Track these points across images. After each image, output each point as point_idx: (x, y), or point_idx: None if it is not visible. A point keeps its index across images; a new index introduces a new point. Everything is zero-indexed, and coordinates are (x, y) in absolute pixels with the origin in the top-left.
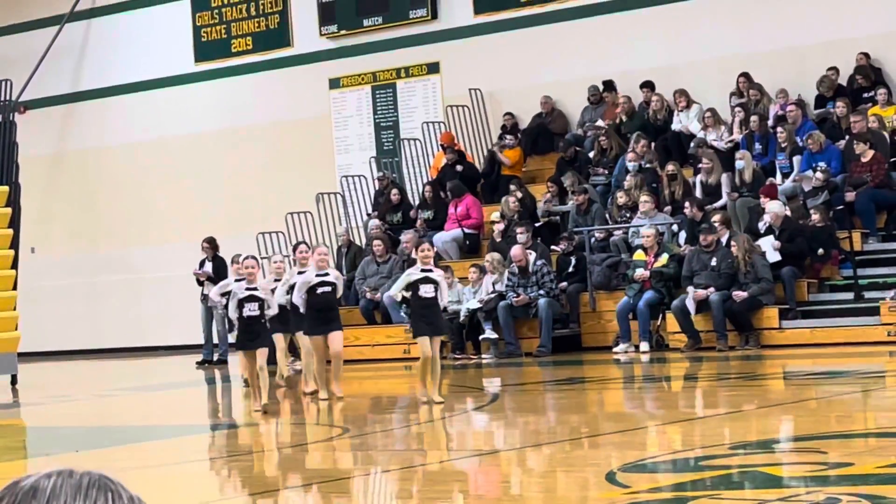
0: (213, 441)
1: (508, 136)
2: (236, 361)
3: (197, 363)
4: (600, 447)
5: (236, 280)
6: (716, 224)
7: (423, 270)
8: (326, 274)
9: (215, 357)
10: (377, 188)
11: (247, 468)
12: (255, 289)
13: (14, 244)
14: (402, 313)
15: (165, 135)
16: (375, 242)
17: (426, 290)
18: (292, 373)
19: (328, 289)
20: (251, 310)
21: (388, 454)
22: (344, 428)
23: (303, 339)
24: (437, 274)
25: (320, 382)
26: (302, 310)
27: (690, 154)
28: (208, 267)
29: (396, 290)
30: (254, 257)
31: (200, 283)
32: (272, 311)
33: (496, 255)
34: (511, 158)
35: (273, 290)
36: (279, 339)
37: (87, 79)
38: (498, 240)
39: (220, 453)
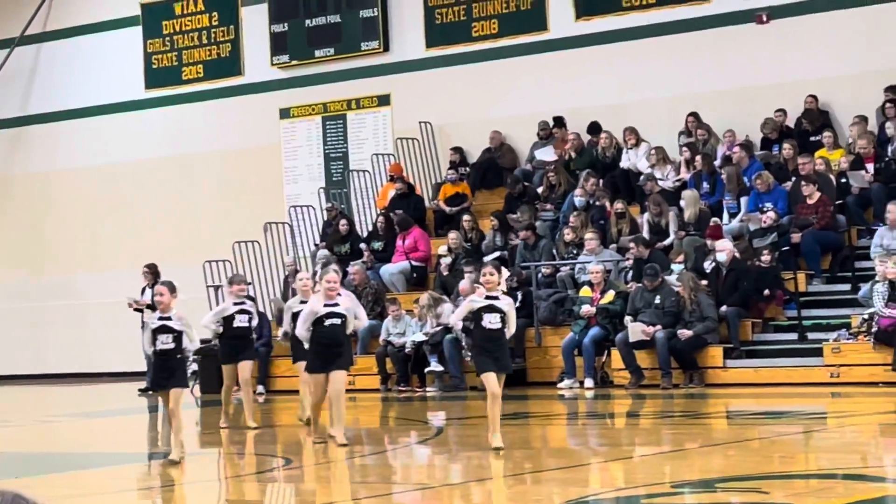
0: (150, 471)
1: (451, 172)
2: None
3: (140, 390)
4: (543, 483)
5: (235, 304)
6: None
7: (487, 297)
8: (336, 304)
9: None
10: (325, 219)
11: (181, 499)
12: (169, 318)
13: None
14: (464, 345)
15: (114, 161)
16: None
17: (491, 321)
18: (235, 402)
19: (337, 321)
20: (164, 342)
21: (327, 486)
22: (286, 459)
23: (302, 369)
24: (504, 302)
25: (314, 424)
26: (305, 345)
27: (639, 192)
28: (148, 294)
29: (457, 319)
30: (167, 283)
31: (139, 311)
32: (193, 344)
33: (425, 301)
34: (449, 192)
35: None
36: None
37: (36, 102)
38: (445, 273)
39: (157, 483)
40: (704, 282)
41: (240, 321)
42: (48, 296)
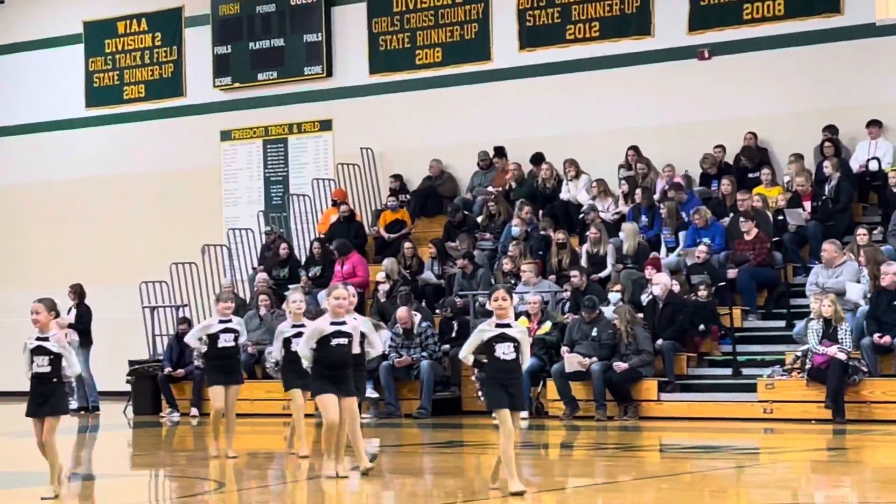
0: (83, 491)
1: (391, 199)
2: (108, 410)
3: (72, 410)
4: None
5: (220, 321)
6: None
7: (498, 325)
8: (343, 323)
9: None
10: (264, 242)
11: None
12: (46, 339)
13: None
14: (474, 378)
15: (52, 178)
16: (262, 297)
17: (504, 351)
18: (170, 423)
19: (343, 341)
20: (40, 365)
21: None
22: (219, 483)
23: (295, 396)
24: (517, 330)
25: (335, 452)
26: (305, 364)
27: (579, 223)
28: (73, 314)
29: (467, 352)
30: (45, 301)
31: (79, 330)
32: (72, 369)
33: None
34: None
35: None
36: (297, 396)
37: None
38: (382, 300)
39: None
40: (640, 315)
41: (224, 340)
42: None
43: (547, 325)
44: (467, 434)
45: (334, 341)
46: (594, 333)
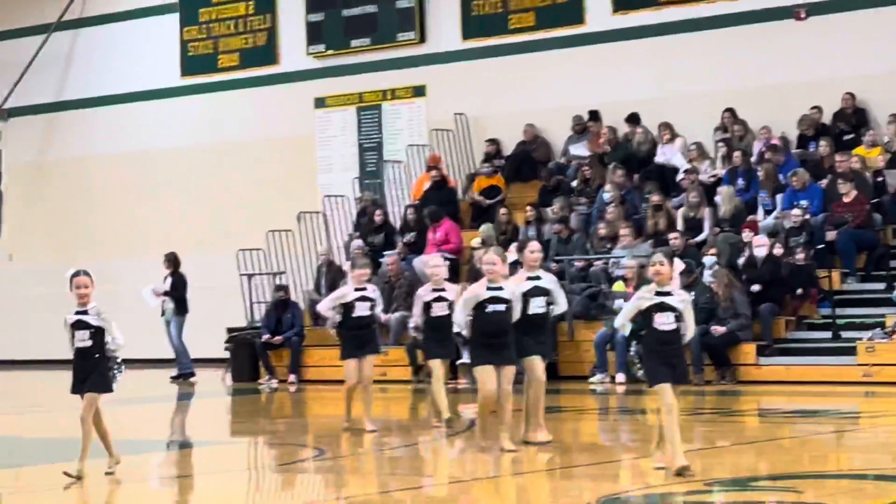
0: (182, 458)
1: (486, 165)
2: (207, 378)
3: (171, 378)
4: (574, 479)
5: (356, 289)
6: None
7: (658, 293)
8: (500, 288)
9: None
10: (359, 209)
11: (213, 488)
12: (85, 311)
13: None
14: (632, 352)
15: (149, 147)
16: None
17: (664, 321)
18: (268, 391)
19: (500, 307)
20: (81, 339)
21: (360, 478)
22: (319, 450)
23: (434, 367)
24: (678, 299)
25: (481, 426)
26: (465, 332)
27: (673, 186)
28: (168, 283)
29: (622, 322)
30: (87, 273)
31: (164, 299)
32: (116, 342)
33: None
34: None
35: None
36: (437, 366)
37: (72, 88)
38: (478, 266)
39: (188, 471)
40: (738, 278)
41: (361, 310)
42: None
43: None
44: (564, 399)
45: (490, 307)
46: (691, 297)
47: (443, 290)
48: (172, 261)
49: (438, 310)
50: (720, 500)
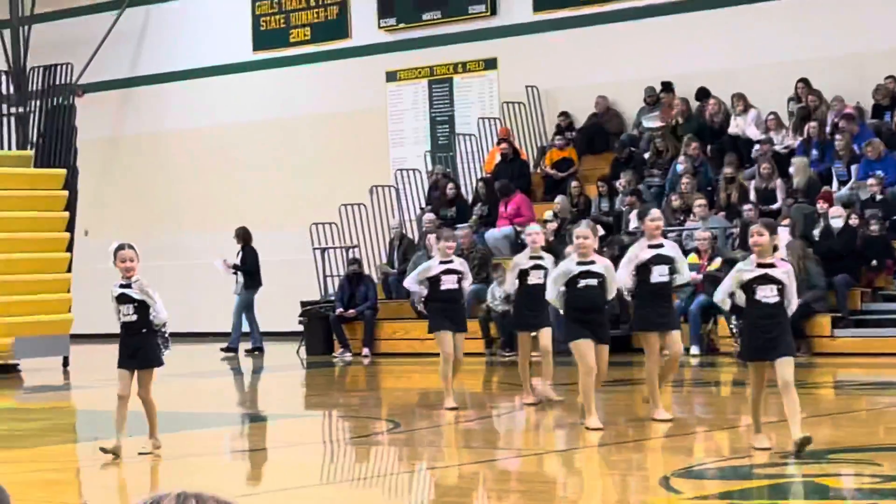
0: (256, 431)
1: (558, 137)
2: (282, 351)
3: (221, 349)
4: (648, 451)
5: (441, 262)
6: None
7: (759, 266)
8: (592, 262)
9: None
10: (431, 182)
11: (287, 461)
12: (129, 285)
13: (70, 227)
14: (732, 326)
15: (221, 122)
16: (429, 237)
17: (766, 294)
18: (342, 364)
19: (593, 282)
20: (126, 314)
21: (434, 450)
22: (393, 422)
23: (523, 341)
24: (781, 270)
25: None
26: (557, 305)
27: (747, 158)
28: (239, 258)
29: (722, 296)
30: (131, 246)
31: (235, 272)
32: (160, 316)
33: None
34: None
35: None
36: (525, 341)
37: (145, 64)
38: (550, 238)
39: (262, 444)
40: (812, 250)
41: (447, 283)
42: (156, 256)
43: (717, 262)
44: (637, 372)
45: (582, 282)
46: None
47: (540, 258)
48: (242, 235)
49: (535, 278)
50: (796, 473)
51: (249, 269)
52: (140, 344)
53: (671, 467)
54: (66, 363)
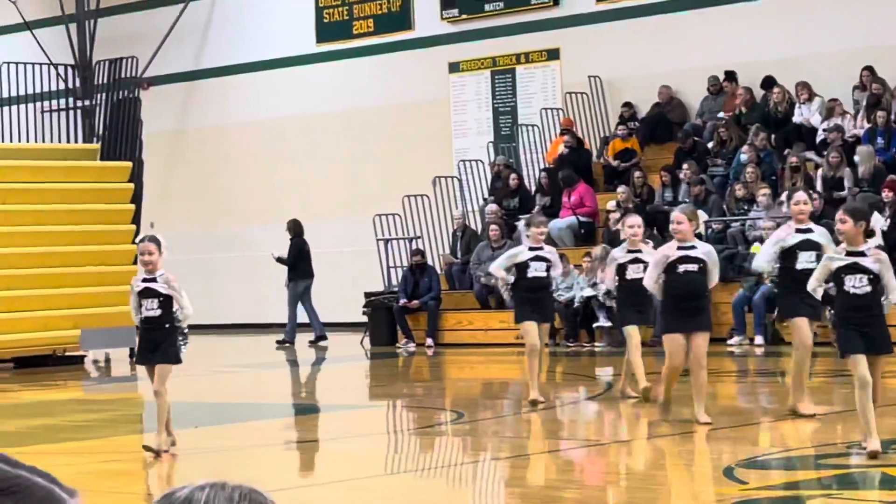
0: (319, 422)
1: (621, 128)
2: (346, 341)
3: (277, 342)
4: (713, 441)
5: (531, 248)
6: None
7: (850, 254)
8: (693, 247)
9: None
10: (494, 173)
11: (351, 451)
12: (154, 279)
13: (136, 219)
14: (828, 319)
15: (285, 114)
16: (492, 227)
17: (855, 284)
18: (406, 354)
19: (693, 268)
20: (149, 308)
21: (498, 441)
22: (457, 413)
23: (631, 334)
24: (873, 259)
25: (665, 395)
26: (657, 296)
27: (811, 146)
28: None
29: (814, 285)
30: (153, 239)
31: (285, 264)
32: (184, 312)
33: (598, 253)
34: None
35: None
36: (634, 333)
37: (210, 57)
38: (613, 228)
39: (326, 435)
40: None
41: (535, 270)
42: (221, 247)
43: None
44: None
45: (682, 268)
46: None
47: (639, 251)
48: (293, 227)
49: (634, 272)
50: (859, 463)
51: (293, 262)
52: (162, 339)
53: (736, 457)
54: (132, 354)
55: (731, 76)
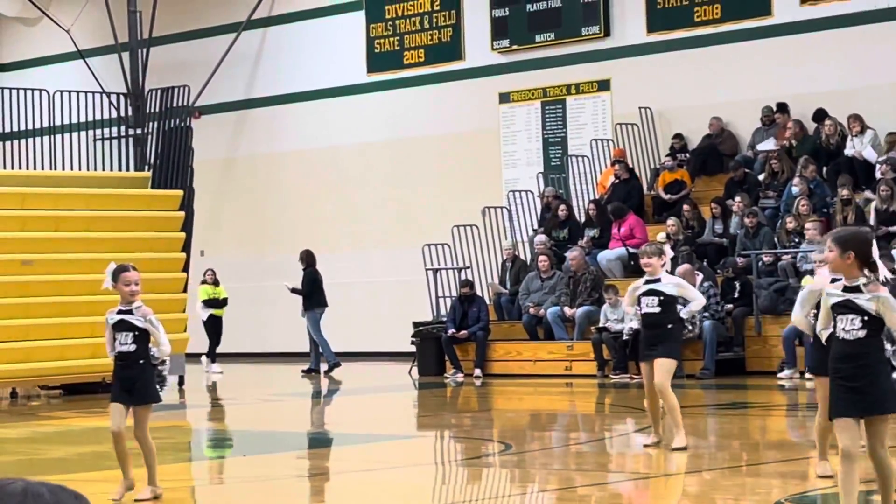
0: (367, 452)
1: (667, 159)
2: (394, 371)
3: (303, 371)
4: (762, 476)
5: (646, 282)
6: None
7: (647, 282)
8: (658, 280)
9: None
10: (543, 204)
11: (400, 481)
12: (130, 311)
13: (186, 248)
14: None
15: (335, 144)
16: (541, 258)
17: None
18: (454, 384)
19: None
20: (123, 343)
21: (546, 473)
22: (505, 444)
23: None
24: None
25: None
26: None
27: (864, 179)
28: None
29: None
30: (135, 267)
31: (300, 294)
32: (162, 349)
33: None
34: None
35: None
36: (644, 373)
37: (261, 86)
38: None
39: (376, 465)
40: None
41: (646, 305)
42: (270, 276)
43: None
44: (751, 395)
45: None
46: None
47: (657, 280)
48: (305, 258)
49: (647, 306)
50: None
51: (308, 291)
52: (137, 377)
53: (786, 492)
54: (181, 382)
55: (782, 108)
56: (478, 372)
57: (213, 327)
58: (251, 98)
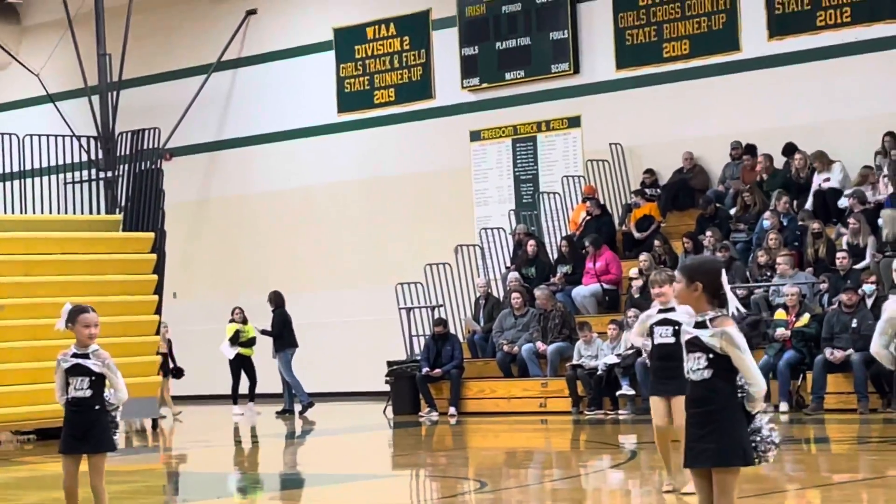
0: (342, 492)
1: (634, 195)
2: (368, 410)
3: (277, 413)
4: None
5: (659, 311)
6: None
7: (661, 311)
8: (672, 309)
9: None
10: (515, 241)
11: None
12: (86, 355)
13: (158, 290)
14: None
15: (307, 184)
16: (514, 295)
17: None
18: (429, 423)
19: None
20: (78, 388)
21: None
22: (481, 482)
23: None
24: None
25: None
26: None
27: (834, 212)
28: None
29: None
30: (94, 309)
31: (270, 335)
32: (118, 395)
33: (637, 312)
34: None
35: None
36: (655, 408)
37: (232, 127)
38: (636, 295)
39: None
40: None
41: (660, 336)
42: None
43: (805, 318)
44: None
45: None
46: (854, 325)
47: (671, 309)
48: (273, 299)
49: (661, 336)
50: None
51: (278, 332)
52: (93, 424)
53: None
54: (154, 425)
55: (750, 150)
56: (452, 410)
57: (240, 367)
58: (222, 139)
